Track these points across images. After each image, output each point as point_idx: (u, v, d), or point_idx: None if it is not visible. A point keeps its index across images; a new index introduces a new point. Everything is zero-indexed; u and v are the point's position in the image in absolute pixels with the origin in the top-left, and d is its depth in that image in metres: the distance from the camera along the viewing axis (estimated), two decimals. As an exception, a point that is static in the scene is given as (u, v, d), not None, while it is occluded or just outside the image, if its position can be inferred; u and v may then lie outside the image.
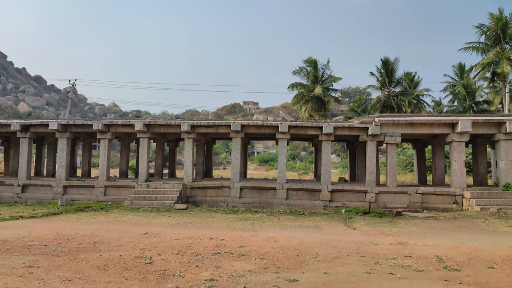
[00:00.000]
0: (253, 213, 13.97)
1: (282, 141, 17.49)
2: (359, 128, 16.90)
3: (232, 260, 6.87)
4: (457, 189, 16.12)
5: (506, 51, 32.16)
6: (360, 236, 9.74)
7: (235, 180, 17.35)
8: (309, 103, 39.59)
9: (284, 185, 17.00)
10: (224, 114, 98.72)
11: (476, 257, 7.25)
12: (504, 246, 8.35)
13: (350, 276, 5.86)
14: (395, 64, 38.91)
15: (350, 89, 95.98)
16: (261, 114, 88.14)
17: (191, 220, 12.07)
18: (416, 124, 16.61)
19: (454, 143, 16.37)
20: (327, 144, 17.22)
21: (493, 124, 16.30)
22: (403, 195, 16.54)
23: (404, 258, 7.12)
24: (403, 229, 10.68)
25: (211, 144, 24.14)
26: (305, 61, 40.14)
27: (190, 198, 17.55)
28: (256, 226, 10.96)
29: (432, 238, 9.35)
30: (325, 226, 11.32)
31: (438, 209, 15.92)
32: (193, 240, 8.63)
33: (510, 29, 31.92)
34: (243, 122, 17.62)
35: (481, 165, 19.86)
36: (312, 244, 8.32)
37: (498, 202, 15.09)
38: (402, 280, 5.69)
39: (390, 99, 39.32)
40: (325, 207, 16.44)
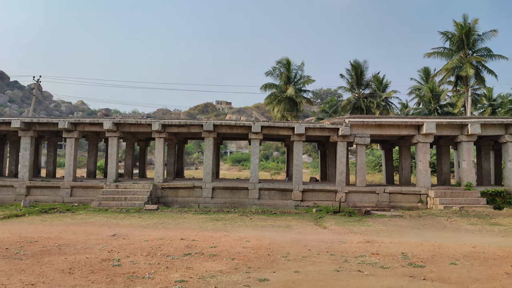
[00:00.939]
0: (225, 213, 13.92)
1: (255, 141, 17.55)
2: (329, 129, 17.22)
3: (203, 260, 6.82)
4: (422, 188, 16.74)
5: (469, 56, 33.75)
6: (330, 235, 9.93)
7: (207, 180, 17.23)
8: (281, 104, 39.95)
9: (257, 185, 17.06)
10: (197, 113, 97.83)
11: (439, 254, 7.56)
12: (466, 243, 8.75)
13: (320, 275, 5.96)
14: (364, 66, 39.97)
15: (322, 91, 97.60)
16: (234, 114, 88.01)
17: (161, 221, 11.88)
18: (384, 125, 17.12)
19: (419, 144, 17.00)
20: (299, 145, 17.44)
21: (456, 126, 17.05)
22: (371, 195, 16.99)
23: (372, 256, 7.32)
24: (371, 228, 10.97)
25: (182, 143, 23.86)
26: (278, 62, 40.51)
27: (161, 199, 17.27)
28: (228, 226, 10.93)
29: (398, 236, 9.67)
30: (296, 225, 11.45)
31: (405, 207, 16.47)
32: (163, 241, 8.50)
33: (473, 35, 33.53)
34: (216, 122, 17.54)
35: (444, 166, 20.74)
36: (283, 244, 8.40)
37: (460, 201, 15.80)
38: (369, 277, 5.85)
39: (360, 101, 40.35)
40: (297, 206, 16.63)
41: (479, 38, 33.72)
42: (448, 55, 34.87)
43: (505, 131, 16.84)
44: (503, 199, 16.31)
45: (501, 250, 7.96)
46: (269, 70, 40.69)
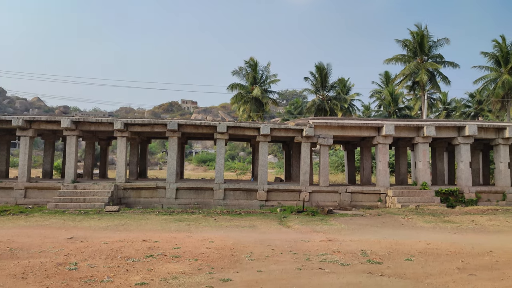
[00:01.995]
0: (189, 214, 13.76)
1: (220, 141, 17.48)
2: (294, 129, 17.48)
3: (165, 262, 6.70)
4: (382, 188, 17.39)
5: (424, 62, 35.48)
6: (294, 234, 10.08)
7: (171, 181, 16.95)
8: (247, 104, 40.06)
9: (222, 185, 17.00)
10: (161, 112, 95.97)
11: (396, 251, 7.89)
12: (421, 240, 9.18)
13: (283, 273, 6.04)
14: (328, 69, 40.89)
15: (288, 92, 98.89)
16: (200, 114, 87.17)
17: (123, 222, 11.55)
18: (347, 127, 17.62)
19: (379, 145, 17.65)
20: (264, 145, 17.56)
21: (413, 129, 17.86)
22: (334, 194, 17.42)
23: (333, 254, 7.51)
24: (333, 226, 11.25)
25: (146, 143, 23.32)
26: (246, 62, 40.58)
27: (122, 200, 16.78)
28: (192, 227, 10.81)
29: (359, 234, 9.99)
30: (261, 225, 11.53)
31: (365, 206, 17.03)
32: (124, 243, 8.27)
33: (427, 42, 35.30)
34: (180, 121, 17.29)
35: (402, 166, 21.66)
36: (247, 244, 8.43)
37: (416, 200, 16.56)
38: (330, 274, 6.01)
39: (324, 103, 41.24)
40: (261, 206, 16.74)
41: (433, 45, 35.56)
42: (406, 61, 36.48)
43: (458, 133, 17.85)
44: (455, 198, 17.28)
45: (453, 246, 8.43)
46: (235, 70, 40.68)
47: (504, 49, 36.74)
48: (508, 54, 36.73)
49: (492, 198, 17.67)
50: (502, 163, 17.93)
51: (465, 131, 17.35)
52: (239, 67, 40.75)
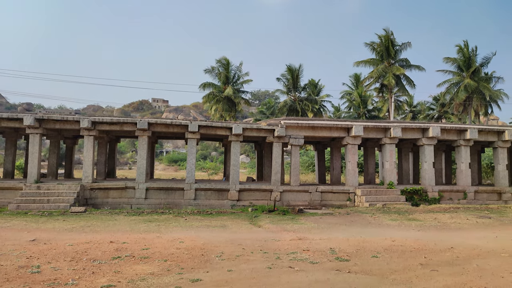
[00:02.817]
0: (159, 215, 13.53)
1: (192, 140, 17.30)
2: (266, 130, 17.57)
3: (133, 263, 6.57)
4: (351, 187, 17.80)
5: (391, 66, 36.63)
6: (265, 233, 10.14)
7: (140, 181, 16.61)
8: (220, 104, 39.88)
9: (193, 185, 16.83)
10: (131, 111, 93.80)
11: (363, 248, 8.10)
12: (386, 237, 9.49)
13: (253, 272, 6.07)
14: (300, 70, 41.37)
15: (260, 92, 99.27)
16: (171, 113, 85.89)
17: (89, 223, 11.20)
18: (317, 127, 17.91)
19: (348, 145, 18.07)
20: (236, 145, 17.55)
21: (381, 130, 18.40)
22: (305, 194, 17.66)
23: (303, 252, 7.62)
24: (304, 225, 11.41)
25: (115, 142, 22.72)
26: (218, 61, 40.35)
27: (89, 200, 16.26)
28: (162, 228, 10.65)
29: (328, 233, 10.18)
30: (232, 225, 11.51)
31: (335, 205, 17.38)
32: (90, 245, 8.02)
33: (394, 47, 36.48)
34: (151, 120, 16.98)
35: (370, 166, 22.27)
36: (218, 243, 8.40)
37: (383, 199, 17.08)
38: (299, 273, 6.09)
39: (296, 104, 41.70)
40: (233, 206, 16.71)
41: (399, 50, 36.80)
42: (374, 64, 37.54)
43: (422, 134, 18.56)
44: (420, 196, 17.95)
45: (416, 243, 8.76)
46: (208, 69, 40.38)
47: (466, 55, 38.56)
48: (470, 59, 38.59)
49: (454, 196, 18.49)
50: (463, 164, 18.81)
51: (429, 132, 18.06)
52: (211, 66, 40.52)
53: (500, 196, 18.94)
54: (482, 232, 10.50)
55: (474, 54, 38.60)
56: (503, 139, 18.98)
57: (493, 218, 13.28)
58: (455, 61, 39.47)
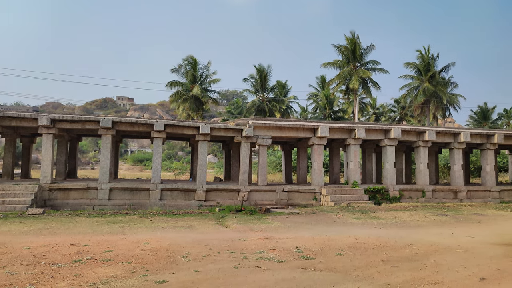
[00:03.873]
0: (123, 216, 13.16)
1: (158, 140, 16.97)
2: (234, 129, 17.56)
3: (95, 266, 6.35)
4: (316, 187, 18.16)
5: (357, 69, 37.72)
6: (232, 233, 10.12)
7: (103, 181, 16.08)
8: (187, 103, 39.40)
9: (159, 185, 16.52)
10: (94, 109, 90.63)
11: (328, 246, 8.29)
12: (350, 235, 9.75)
13: (219, 272, 6.05)
14: (268, 71, 41.69)
15: (228, 92, 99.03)
16: (136, 111, 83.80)
17: (48, 226, 10.71)
18: (285, 128, 18.12)
19: (314, 146, 18.42)
20: (204, 144, 17.40)
21: (346, 131, 18.90)
22: (272, 193, 17.81)
23: (269, 251, 7.69)
24: (270, 225, 11.51)
25: (76, 141, 21.86)
26: (185, 60, 39.82)
27: (48, 202, 15.55)
28: (126, 229, 10.36)
29: (294, 232, 10.33)
30: (199, 225, 11.41)
31: (301, 205, 17.66)
32: (49, 248, 7.67)
33: (360, 50, 37.58)
34: (115, 119, 16.48)
35: (335, 166, 22.81)
36: (184, 244, 8.30)
37: (347, 198, 17.55)
38: (265, 272, 6.14)
39: (264, 104, 41.98)
40: (200, 206, 16.57)
41: (364, 53, 37.98)
42: (341, 66, 38.51)
43: (385, 136, 19.25)
44: (382, 195, 18.61)
45: (378, 240, 9.07)
46: (174, 67, 39.76)
47: (426, 60, 40.44)
48: (429, 64, 40.49)
49: (413, 195, 19.33)
50: (422, 164, 19.69)
51: (391, 134, 18.77)
52: (178, 65, 39.96)
53: (456, 194, 20.01)
54: (439, 229, 11.03)
55: (433, 59, 40.55)
56: (458, 141, 20.05)
57: (449, 216, 14.00)
58: (415, 66, 41.27)
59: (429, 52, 40.55)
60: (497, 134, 20.46)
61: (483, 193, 20.53)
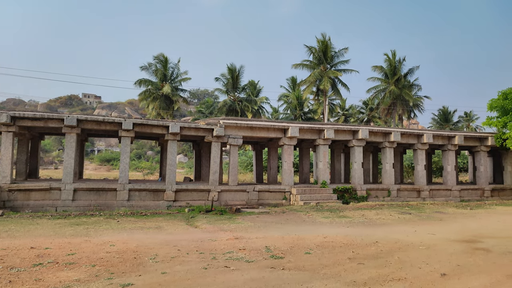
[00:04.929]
0: (88, 217, 12.72)
1: (126, 139, 16.54)
2: (205, 129, 17.40)
3: (57, 270, 6.10)
4: (286, 186, 18.32)
5: (327, 70, 38.41)
6: (201, 234, 10.03)
7: (67, 181, 15.48)
8: (157, 101, 38.69)
9: (126, 185, 16.10)
10: (59, 106, 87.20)
11: (297, 245, 8.38)
12: (319, 234, 9.90)
13: (188, 274, 5.97)
14: (241, 71, 41.65)
15: (200, 91, 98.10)
16: (104, 109, 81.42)
17: (7, 228, 10.18)
18: (256, 128, 18.16)
19: (285, 146, 18.58)
20: (173, 144, 17.14)
21: (315, 131, 19.19)
22: (242, 193, 17.79)
23: (239, 251, 7.67)
24: (241, 225, 11.49)
25: (38, 139, 20.90)
26: (155, 58, 39.08)
27: (7, 203, 14.78)
28: (91, 231, 10.02)
29: (264, 231, 10.36)
30: (167, 226, 11.22)
31: (271, 204, 17.76)
32: (7, 252, 7.29)
33: (330, 52, 38.30)
34: (80, 117, 15.90)
35: (305, 166, 23.12)
36: (152, 245, 8.13)
37: (317, 197, 17.83)
38: (235, 272, 6.12)
39: (236, 104, 41.90)
40: (169, 207, 16.30)
41: (335, 55, 38.74)
42: (311, 67, 39.09)
43: (353, 136, 19.71)
44: (350, 194, 19.04)
45: (346, 239, 9.27)
46: (144, 65, 38.91)
47: (393, 64, 41.77)
48: (396, 68, 41.85)
49: (380, 194, 19.91)
50: (388, 164, 20.32)
51: (359, 134, 19.24)
52: (148, 63, 39.16)
53: (419, 193, 20.79)
54: (403, 227, 11.42)
55: (400, 63, 41.95)
56: (422, 142, 20.86)
57: (413, 214, 14.53)
58: (382, 69, 42.54)
59: (395, 56, 41.92)
60: (458, 136, 21.46)
61: (445, 192, 21.47)
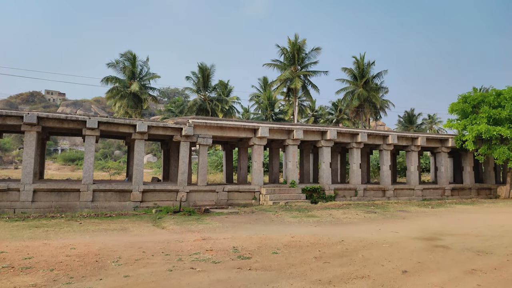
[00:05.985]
0: (48, 219, 12.18)
1: (90, 138, 15.97)
2: (173, 128, 17.11)
3: (12, 275, 5.77)
4: (256, 186, 18.35)
5: (298, 71, 38.83)
6: (168, 235, 9.83)
7: (26, 182, 14.75)
8: (125, 99, 37.70)
9: (90, 186, 15.55)
10: (19, 103, 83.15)
11: (264, 245, 8.38)
12: (287, 234, 9.96)
13: (152, 276, 5.82)
14: (212, 70, 41.34)
15: (169, 90, 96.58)
16: (68, 107, 78.44)
17: (-43, 232, 9.55)
18: (225, 127, 18.06)
19: (255, 146, 18.60)
20: (141, 143, 16.73)
21: (285, 132, 19.34)
22: (212, 193, 17.64)
23: (206, 252, 7.58)
24: (209, 225, 11.38)
25: (-4, 138, 19.81)
26: (123, 55, 38.08)
27: (-41, 205, 13.90)
28: (51, 234, 9.59)
29: (232, 231, 10.31)
30: (133, 227, 10.93)
31: (241, 204, 17.72)
32: (-44, 258, 6.83)
33: (301, 52, 38.73)
34: (41, 114, 15.21)
35: (275, 166, 23.25)
36: (116, 248, 7.88)
37: (286, 197, 17.97)
38: (200, 273, 6.03)
39: (206, 103, 41.54)
40: (136, 208, 15.90)
41: (306, 57, 39.23)
42: (282, 68, 39.39)
43: (321, 137, 20.02)
44: (318, 194, 19.33)
45: (313, 238, 9.37)
46: (112, 62, 37.81)
47: (361, 66, 42.83)
48: (364, 71, 42.94)
49: (347, 194, 20.35)
50: (355, 164, 20.80)
51: (327, 135, 19.58)
52: (115, 60, 38.10)
53: (384, 193, 21.43)
54: (368, 226, 11.72)
55: (368, 66, 43.07)
56: (387, 143, 21.51)
57: (378, 213, 14.94)
58: (351, 71, 43.54)
59: (364, 59, 43.02)
60: (420, 137, 22.30)
61: (408, 191, 22.25)
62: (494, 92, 22.73)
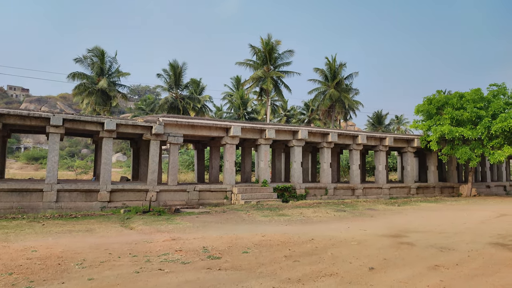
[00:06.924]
0: (9, 221, 11.59)
1: (54, 135, 15.35)
2: (143, 126, 16.74)
3: (-35, 281, 5.43)
4: (228, 185, 18.26)
5: (271, 71, 38.97)
6: (136, 235, 9.59)
7: (-15, 181, 13.98)
8: (92, 96, 36.48)
9: (54, 186, 14.94)
10: (-21, 98, 78.81)
11: (235, 245, 8.34)
12: (257, 233, 9.96)
13: (117, 278, 5.64)
14: (183, 68, 40.77)
15: (140, 87, 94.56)
16: (32, 103, 75.16)
17: None
18: (197, 126, 17.86)
19: (227, 145, 18.51)
20: (109, 142, 16.25)
21: (257, 131, 19.37)
22: (182, 193, 17.40)
23: (175, 253, 7.44)
24: (179, 225, 11.20)
25: (-49, 135, 18.66)
26: (90, 51, 36.83)
27: None
28: (11, 236, 9.12)
29: (203, 231, 10.19)
30: (100, 228, 10.58)
31: (212, 204, 17.58)
32: None
33: (274, 53, 38.87)
34: (2, 110, 14.45)
35: (247, 165, 23.25)
36: (80, 250, 7.59)
37: (257, 196, 17.99)
38: (169, 274, 5.91)
39: (178, 101, 40.92)
40: (103, 208, 15.43)
41: (279, 57, 39.42)
42: (255, 67, 39.40)
43: (293, 136, 20.20)
44: (289, 193, 19.49)
45: (283, 237, 9.42)
46: (79, 58, 36.50)
47: (333, 67, 43.53)
48: (335, 72, 43.68)
49: (318, 193, 20.64)
50: (325, 163, 21.14)
51: (298, 135, 19.78)
52: (83, 56, 36.78)
53: (354, 192, 21.91)
54: (338, 224, 11.91)
55: (340, 67, 43.84)
56: (357, 143, 22.00)
57: (347, 211, 15.24)
58: (322, 72, 44.20)
59: (335, 60, 43.74)
60: (388, 137, 22.96)
61: (376, 190, 22.85)
62: (457, 95, 23.73)
